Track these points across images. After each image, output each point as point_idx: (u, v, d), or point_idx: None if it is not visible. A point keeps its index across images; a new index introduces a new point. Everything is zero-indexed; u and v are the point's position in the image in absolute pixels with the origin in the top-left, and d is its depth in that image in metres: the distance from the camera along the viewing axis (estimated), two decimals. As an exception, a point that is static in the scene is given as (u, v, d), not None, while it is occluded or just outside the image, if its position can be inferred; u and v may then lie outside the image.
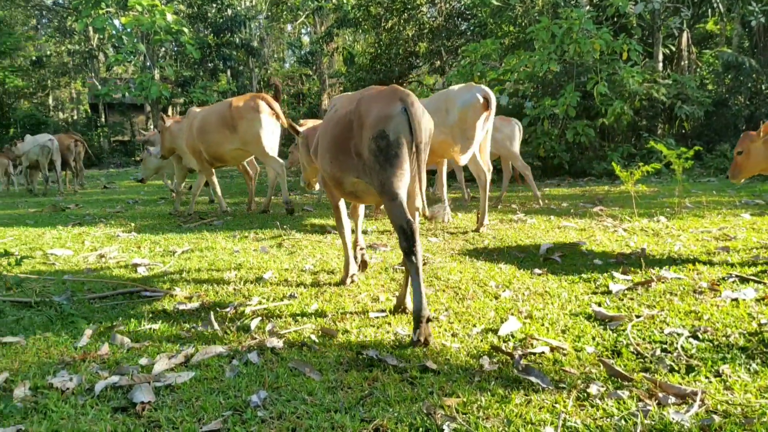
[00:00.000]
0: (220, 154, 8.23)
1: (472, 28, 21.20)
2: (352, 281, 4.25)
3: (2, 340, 3.21)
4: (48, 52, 40.26)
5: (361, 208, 4.50)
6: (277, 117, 7.88)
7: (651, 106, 13.87)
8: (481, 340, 3.02)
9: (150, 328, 3.37)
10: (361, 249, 4.51)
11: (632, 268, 4.34)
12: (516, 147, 8.57)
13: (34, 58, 38.07)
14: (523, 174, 8.64)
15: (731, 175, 4.96)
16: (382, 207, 4.04)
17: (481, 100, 6.14)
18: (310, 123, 5.54)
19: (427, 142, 3.38)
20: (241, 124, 7.77)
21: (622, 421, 2.14)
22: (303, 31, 40.28)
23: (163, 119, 8.89)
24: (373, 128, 3.18)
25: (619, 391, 2.35)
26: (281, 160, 8.15)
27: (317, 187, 5.08)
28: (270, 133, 7.87)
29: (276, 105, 7.93)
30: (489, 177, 6.53)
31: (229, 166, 9.40)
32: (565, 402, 2.29)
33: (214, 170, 8.77)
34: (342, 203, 4.18)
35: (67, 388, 2.55)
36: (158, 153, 9.66)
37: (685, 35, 17.01)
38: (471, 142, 6.21)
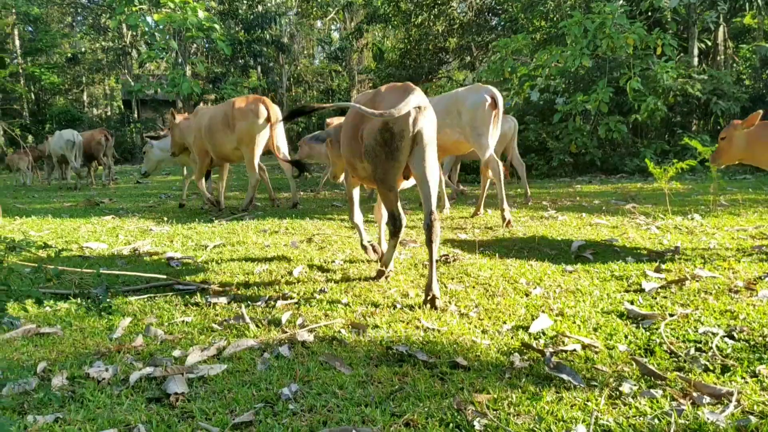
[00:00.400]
0: (225, 153, 8.47)
1: (502, 23, 21.08)
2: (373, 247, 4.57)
3: (40, 330, 3.28)
4: (83, 49, 41.03)
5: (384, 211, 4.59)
6: (269, 119, 8.06)
7: (685, 102, 13.64)
8: (512, 337, 3.00)
9: (183, 321, 3.42)
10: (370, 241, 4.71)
11: (666, 266, 4.28)
12: (513, 143, 8.94)
13: (69, 55, 38.83)
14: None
15: (711, 158, 5.26)
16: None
17: (489, 100, 6.53)
18: (337, 121, 5.67)
19: (432, 136, 3.64)
20: (239, 125, 8.00)
21: (656, 420, 2.11)
22: (333, 27, 40.43)
23: (173, 115, 9.09)
24: (381, 120, 3.43)
25: (652, 390, 2.32)
26: (258, 177, 8.42)
27: (341, 179, 5.31)
28: (264, 137, 8.10)
29: (274, 110, 8.13)
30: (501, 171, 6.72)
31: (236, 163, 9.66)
32: (597, 400, 2.27)
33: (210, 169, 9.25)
34: (356, 194, 4.61)
35: (103, 378, 2.59)
36: (165, 147, 9.89)
37: (721, 29, 16.68)
38: (482, 139, 6.56)
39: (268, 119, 8.02)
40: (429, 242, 3.58)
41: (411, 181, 4.02)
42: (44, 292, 3.97)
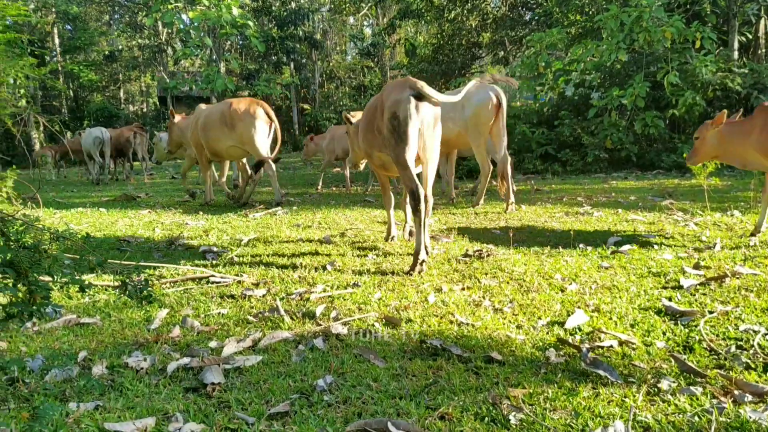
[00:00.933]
0: (218, 149, 8.84)
1: (537, 17, 20.84)
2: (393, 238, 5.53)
3: (80, 320, 3.36)
4: (120, 47, 41.73)
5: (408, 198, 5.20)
6: (270, 119, 8.54)
7: (725, 96, 13.28)
8: (547, 333, 2.97)
9: (219, 313, 3.47)
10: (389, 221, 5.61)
11: (704, 263, 4.20)
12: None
13: (106, 52, 39.57)
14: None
15: (687, 158, 5.43)
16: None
17: (494, 100, 7.15)
18: (359, 115, 5.97)
19: (431, 123, 4.34)
20: (239, 125, 8.40)
21: (696, 418, 2.07)
22: (365, 23, 40.47)
23: (173, 114, 9.56)
24: (389, 110, 4.18)
25: (691, 387, 2.28)
26: (271, 164, 8.69)
27: (362, 166, 6.21)
28: (263, 133, 8.49)
29: (270, 110, 8.59)
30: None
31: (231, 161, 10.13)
32: (634, 396, 2.24)
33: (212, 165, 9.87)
34: (387, 182, 5.43)
35: (142, 368, 2.64)
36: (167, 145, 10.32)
37: (762, 22, 16.24)
38: (481, 138, 7.31)
39: (265, 118, 8.44)
40: (422, 212, 4.29)
41: (418, 169, 4.55)
42: (89, 283, 4.06)
